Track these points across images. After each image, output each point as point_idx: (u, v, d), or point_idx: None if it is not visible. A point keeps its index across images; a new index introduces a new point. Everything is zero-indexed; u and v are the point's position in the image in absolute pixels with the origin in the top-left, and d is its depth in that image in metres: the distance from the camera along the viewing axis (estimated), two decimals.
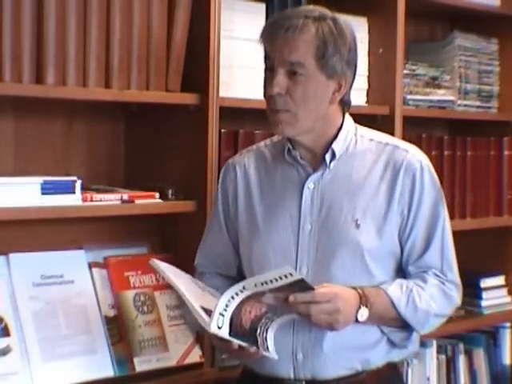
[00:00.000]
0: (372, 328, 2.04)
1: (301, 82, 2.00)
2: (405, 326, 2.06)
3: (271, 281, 1.88)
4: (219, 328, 1.88)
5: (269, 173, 2.16)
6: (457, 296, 2.13)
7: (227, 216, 2.20)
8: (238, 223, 2.17)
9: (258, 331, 1.96)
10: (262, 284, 1.88)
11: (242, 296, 1.91)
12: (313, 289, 1.91)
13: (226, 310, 1.90)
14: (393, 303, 2.01)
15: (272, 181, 2.14)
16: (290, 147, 2.11)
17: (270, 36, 2.04)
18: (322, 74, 2.01)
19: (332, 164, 2.08)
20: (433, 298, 2.05)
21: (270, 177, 2.15)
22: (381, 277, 2.05)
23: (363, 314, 1.98)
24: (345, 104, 2.11)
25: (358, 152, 2.10)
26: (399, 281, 2.05)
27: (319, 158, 2.09)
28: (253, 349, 1.92)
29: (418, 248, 2.08)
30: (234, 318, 1.92)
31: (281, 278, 1.87)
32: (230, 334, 1.91)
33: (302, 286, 1.91)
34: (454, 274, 2.12)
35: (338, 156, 2.08)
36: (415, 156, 2.09)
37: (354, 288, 1.99)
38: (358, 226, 2.03)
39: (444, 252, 2.09)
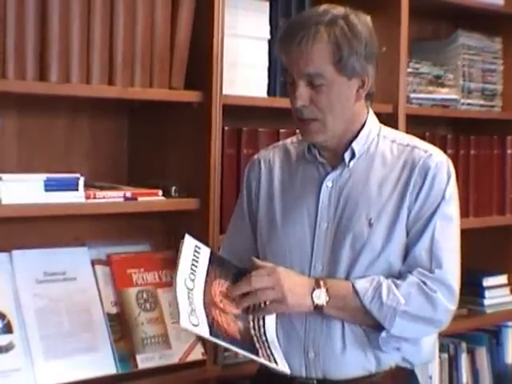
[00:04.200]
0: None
1: (323, 91, 2.00)
2: (378, 326, 2.00)
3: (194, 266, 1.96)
4: (195, 325, 1.88)
5: (291, 170, 2.16)
6: (443, 298, 2.00)
7: (251, 211, 2.21)
8: (258, 218, 2.18)
9: (257, 345, 1.97)
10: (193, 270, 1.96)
11: (197, 288, 1.94)
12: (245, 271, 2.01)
13: (191, 305, 1.90)
14: (358, 294, 1.98)
15: (294, 178, 2.15)
16: (311, 145, 2.11)
17: (284, 50, 2.03)
18: (342, 77, 2.01)
19: (351, 163, 2.08)
20: (405, 296, 1.98)
21: (292, 174, 2.16)
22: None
23: (320, 295, 1.98)
24: (369, 96, 2.10)
25: (378, 152, 2.09)
26: (373, 276, 2.01)
27: (339, 156, 2.09)
28: (259, 360, 1.96)
29: (410, 244, 2.04)
30: (214, 325, 1.92)
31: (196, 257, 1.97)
32: (224, 341, 1.92)
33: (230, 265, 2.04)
34: (445, 272, 2.01)
35: (357, 155, 2.08)
36: (432, 156, 2.07)
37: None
38: (371, 225, 2.03)
39: (433, 248, 2.02)
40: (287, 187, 2.15)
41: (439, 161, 2.07)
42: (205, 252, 2.02)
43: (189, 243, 1.99)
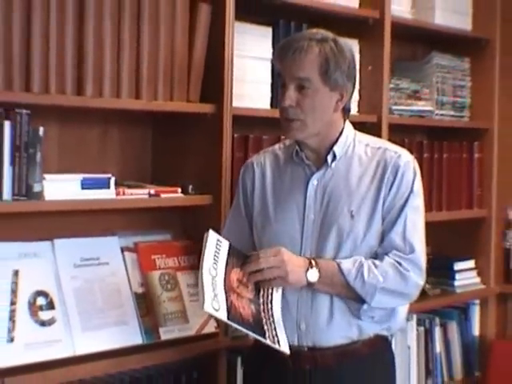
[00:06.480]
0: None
1: (308, 94, 2.02)
2: (359, 299, 2.02)
3: (215, 256, 1.95)
4: (216, 310, 1.88)
5: (281, 171, 2.17)
6: (414, 276, 2.03)
7: (246, 207, 2.21)
8: (253, 213, 2.18)
9: (265, 327, 1.97)
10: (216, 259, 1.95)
11: (219, 275, 1.93)
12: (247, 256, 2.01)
13: (214, 290, 1.89)
14: (343, 273, 1.99)
15: (283, 178, 2.15)
16: (298, 149, 2.12)
17: (280, 57, 2.06)
18: (326, 87, 2.03)
19: (333, 164, 2.10)
20: (383, 274, 2.00)
21: (282, 175, 2.16)
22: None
23: (313, 274, 1.99)
24: (346, 111, 2.12)
25: (355, 154, 2.11)
26: (355, 257, 2.02)
27: (322, 158, 2.10)
28: (266, 343, 1.95)
29: (385, 230, 2.06)
30: (232, 309, 1.92)
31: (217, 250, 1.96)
32: (238, 324, 1.92)
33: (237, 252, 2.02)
34: (417, 255, 2.04)
35: (338, 157, 2.09)
36: (401, 156, 2.09)
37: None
38: (352, 216, 2.04)
39: (406, 235, 2.04)
40: (278, 186, 2.16)
41: (407, 160, 2.10)
42: (225, 245, 2.02)
43: (212, 237, 2.00)
